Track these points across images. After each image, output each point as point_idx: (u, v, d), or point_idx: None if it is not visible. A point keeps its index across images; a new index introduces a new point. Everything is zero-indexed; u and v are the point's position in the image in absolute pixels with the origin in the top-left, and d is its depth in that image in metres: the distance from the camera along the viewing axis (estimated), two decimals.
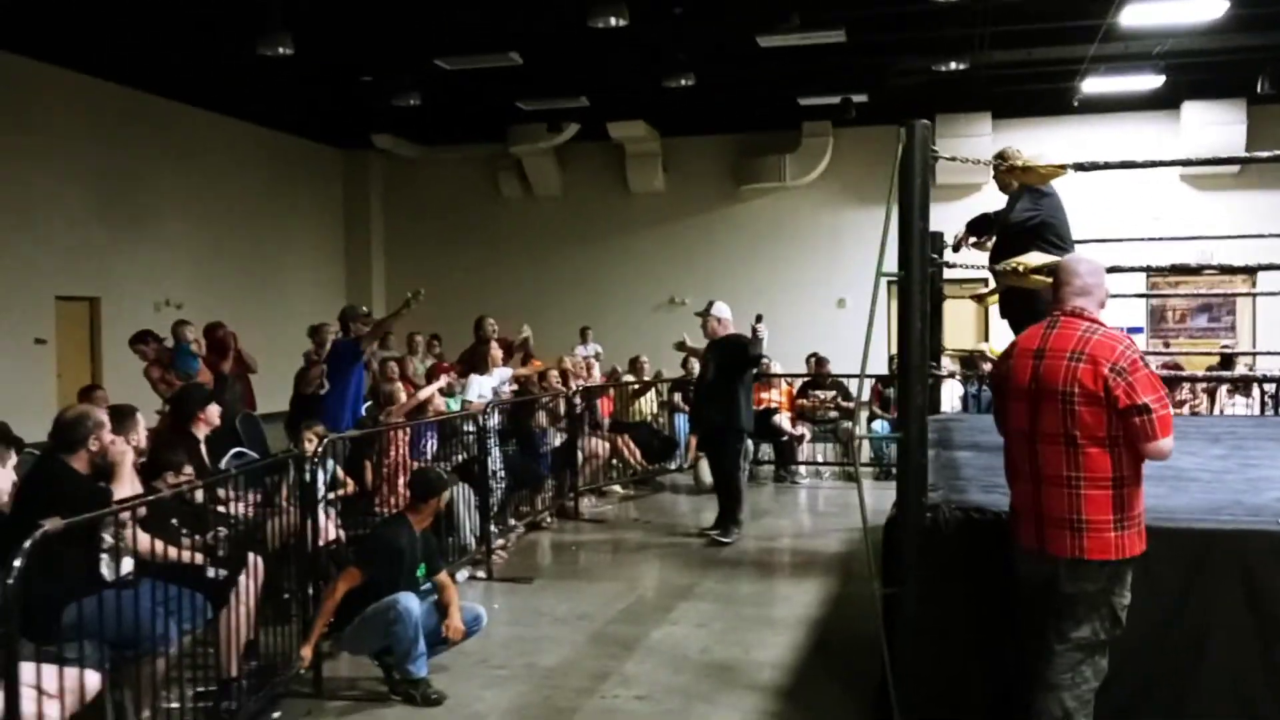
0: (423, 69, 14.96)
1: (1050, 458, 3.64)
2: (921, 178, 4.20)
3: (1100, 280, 3.78)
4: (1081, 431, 3.57)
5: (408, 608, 4.89)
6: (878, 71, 16.35)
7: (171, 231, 16.87)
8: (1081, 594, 3.64)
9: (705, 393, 8.73)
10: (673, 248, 19.82)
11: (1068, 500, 3.61)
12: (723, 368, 8.51)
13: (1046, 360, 3.67)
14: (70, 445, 4.35)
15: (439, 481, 5.46)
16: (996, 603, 4.11)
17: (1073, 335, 3.66)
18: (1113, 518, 3.58)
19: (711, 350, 8.67)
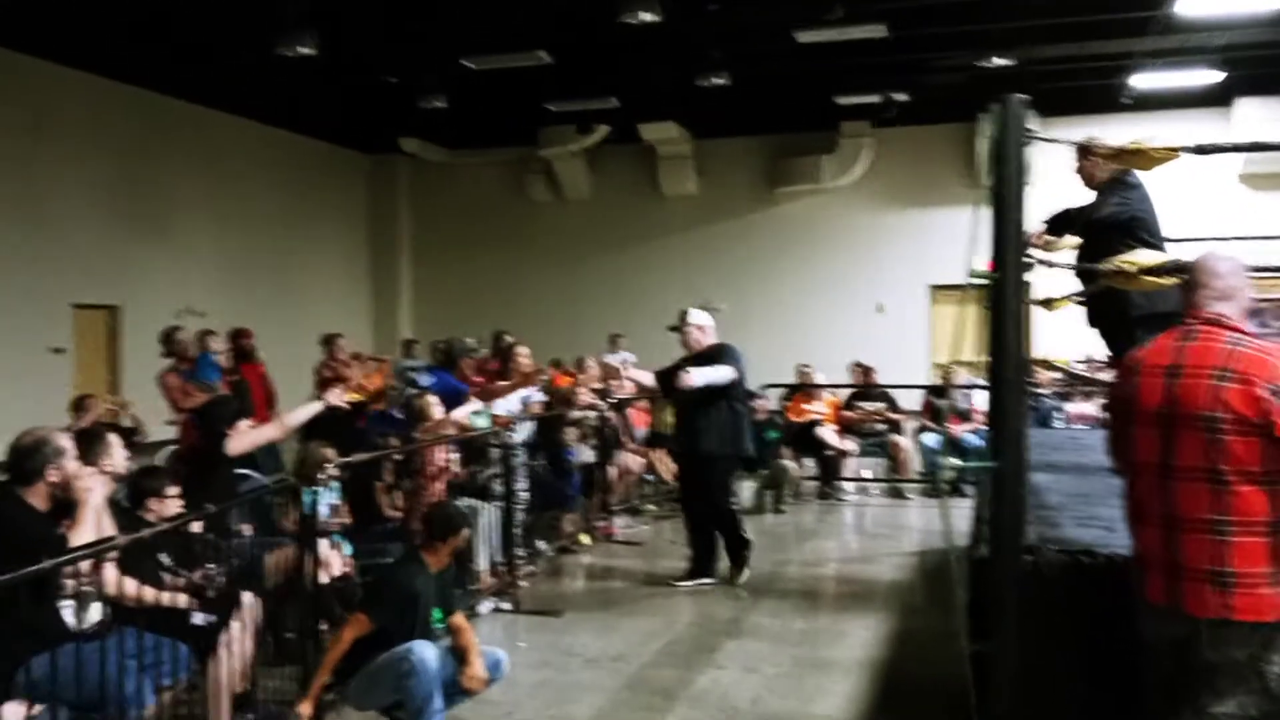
0: (449, 69, 14.52)
1: (1189, 497, 2.99)
2: (1017, 161, 3.57)
3: (1244, 282, 3.12)
4: (1230, 466, 2.93)
5: (423, 659, 4.28)
6: (919, 68, 15.80)
7: (193, 238, 16.48)
8: (1226, 662, 2.98)
9: (691, 413, 7.20)
10: (706, 252, 19.26)
11: (1211, 549, 2.96)
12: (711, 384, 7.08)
13: (1184, 379, 3.02)
14: (25, 477, 3.80)
15: (459, 518, 4.82)
16: (1111, 664, 3.47)
17: (1215, 348, 3.01)
18: (1269, 570, 2.93)
19: (697, 364, 7.17)
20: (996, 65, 15.17)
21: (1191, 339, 3.08)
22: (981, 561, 3.80)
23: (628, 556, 8.42)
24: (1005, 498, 3.60)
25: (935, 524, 9.41)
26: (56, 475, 3.83)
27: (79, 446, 4.00)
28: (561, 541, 8.42)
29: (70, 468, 3.86)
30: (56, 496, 3.85)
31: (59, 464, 3.84)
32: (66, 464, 3.85)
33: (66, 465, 3.85)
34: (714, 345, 7.31)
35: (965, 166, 18.70)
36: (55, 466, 3.83)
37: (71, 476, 3.84)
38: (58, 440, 3.89)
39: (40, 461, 3.81)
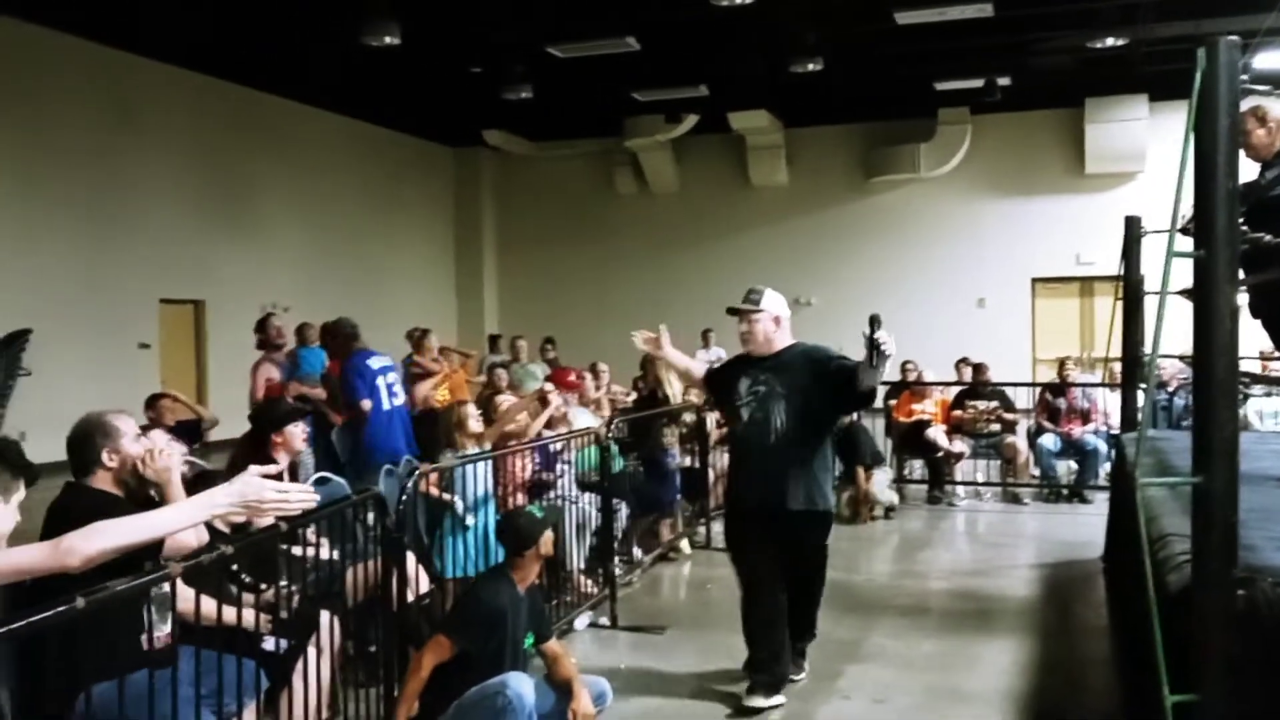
0: (535, 58, 14.15)
1: None
2: (1230, 118, 2.98)
3: None
4: None
5: (519, 694, 3.80)
6: (1023, 50, 15.07)
7: (277, 232, 16.36)
8: None
9: (771, 451, 4.77)
10: (797, 245, 18.68)
11: None
12: (807, 406, 4.77)
13: None
14: (84, 467, 3.42)
15: (531, 525, 4.29)
16: None
17: None
18: None
19: (772, 373, 4.84)
20: (1106, 46, 14.42)
21: None
22: (1180, 594, 3.21)
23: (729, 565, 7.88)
24: (1215, 521, 3.01)
25: (1054, 532, 8.76)
26: (114, 459, 3.43)
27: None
28: (660, 549, 7.91)
29: (131, 449, 3.45)
30: (126, 482, 3.45)
31: (115, 445, 3.44)
32: (125, 445, 3.45)
33: (126, 447, 3.45)
34: (807, 347, 4.93)
35: (1071, 154, 17.90)
36: (111, 449, 3.43)
37: (135, 456, 3.44)
38: (111, 421, 3.49)
39: (94, 449, 3.42)
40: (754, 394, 4.82)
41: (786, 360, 4.85)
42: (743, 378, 4.89)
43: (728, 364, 5.36)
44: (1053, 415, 10.11)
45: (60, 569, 2.74)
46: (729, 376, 5.05)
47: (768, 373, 4.82)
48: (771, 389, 4.77)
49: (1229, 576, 3.01)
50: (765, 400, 4.77)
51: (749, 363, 4.94)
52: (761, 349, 4.87)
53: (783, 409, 4.73)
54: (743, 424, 4.86)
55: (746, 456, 4.91)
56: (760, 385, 4.81)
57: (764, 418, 4.75)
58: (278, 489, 2.99)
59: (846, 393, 4.71)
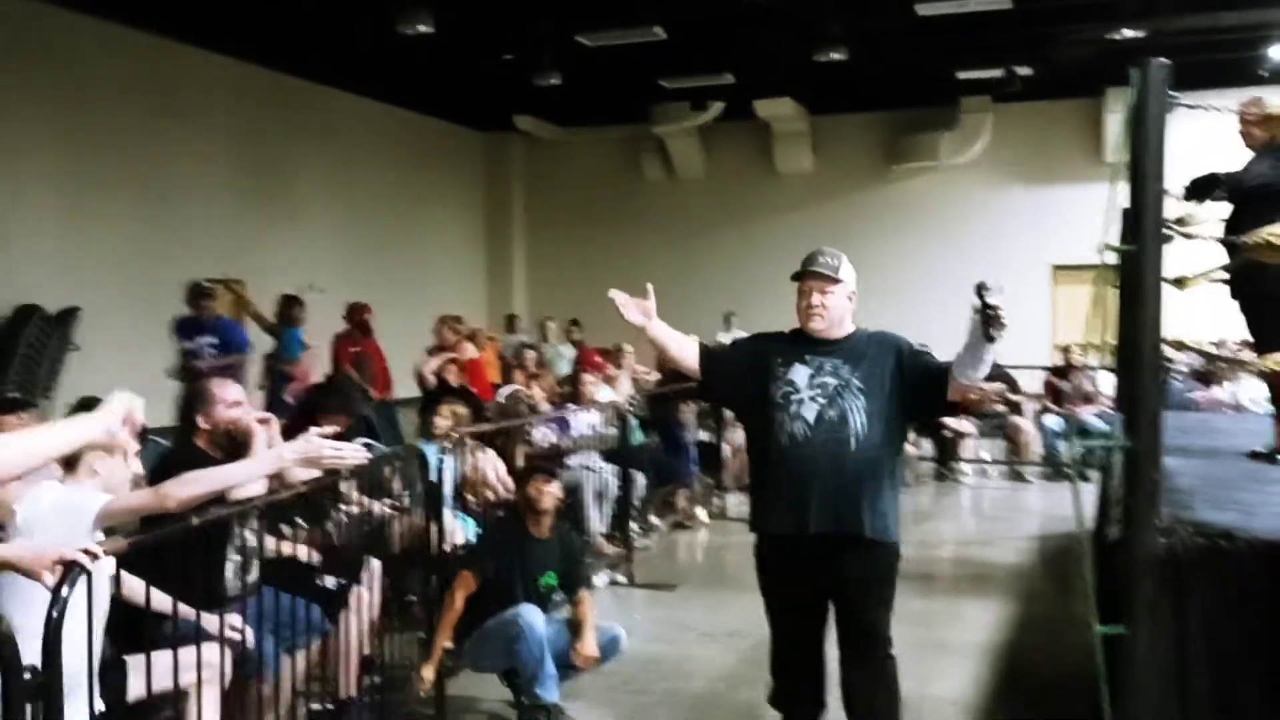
0: (564, 46, 14.57)
1: None
2: (1158, 128, 3.44)
3: None
4: None
5: (530, 623, 4.36)
6: (1044, 41, 15.32)
7: (314, 215, 16.87)
8: None
9: (849, 462, 3.72)
10: (821, 230, 18.94)
11: None
12: (889, 407, 3.80)
13: None
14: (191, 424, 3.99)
15: (526, 473, 4.94)
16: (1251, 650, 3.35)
17: None
18: None
19: (844, 360, 3.81)
20: (1126, 37, 14.67)
21: None
22: (1113, 545, 3.69)
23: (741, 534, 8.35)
24: (1140, 478, 3.48)
25: (1056, 508, 9.20)
26: (208, 422, 3.99)
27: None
28: (676, 517, 8.44)
29: (223, 414, 4.00)
30: (220, 444, 3.99)
31: (208, 410, 3.99)
32: (218, 411, 4.00)
33: (219, 413, 4.00)
34: (860, 332, 3.94)
35: (1091, 143, 18.13)
36: (205, 413, 3.99)
37: (225, 421, 3.98)
38: (208, 388, 4.06)
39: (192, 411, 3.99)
40: (820, 387, 3.74)
41: (860, 346, 3.84)
42: (796, 364, 3.77)
43: (750, 345, 4.06)
44: (1057, 397, 10.54)
45: (161, 509, 3.28)
46: (758, 362, 3.85)
47: (837, 360, 3.77)
48: (847, 382, 3.74)
49: (1152, 526, 3.49)
50: (838, 396, 3.72)
51: (801, 345, 3.84)
52: (830, 330, 3.83)
53: (863, 408, 3.72)
54: (805, 424, 3.70)
55: (811, 468, 3.67)
56: (828, 376, 3.75)
57: (839, 418, 3.70)
58: (334, 446, 3.53)
59: (932, 394, 3.81)
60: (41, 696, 2.43)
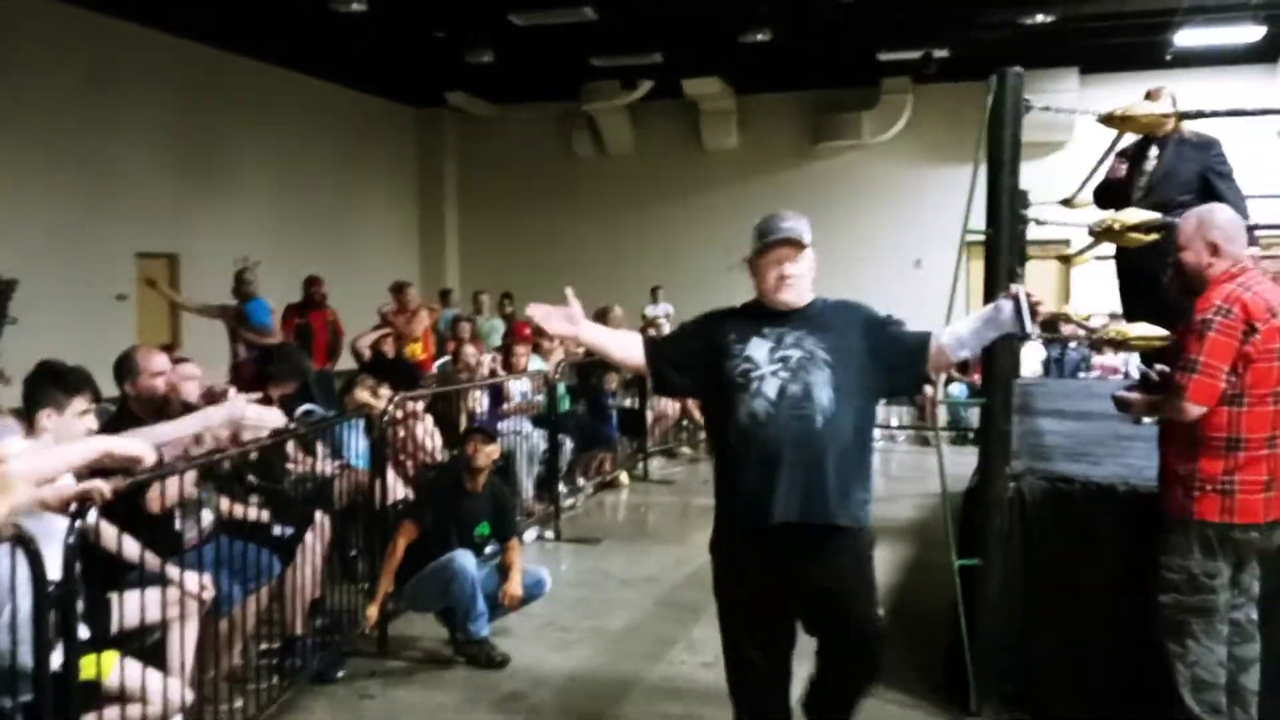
0: (496, 25, 14.84)
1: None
2: (1013, 130, 3.98)
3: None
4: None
5: (463, 566, 4.85)
6: (961, 25, 15.89)
7: (249, 189, 17.01)
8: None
9: (816, 440, 3.29)
10: (747, 207, 19.26)
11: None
12: (860, 381, 3.42)
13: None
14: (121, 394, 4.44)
15: (465, 436, 5.47)
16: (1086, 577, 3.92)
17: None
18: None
19: (807, 332, 3.41)
20: (1038, 22, 15.29)
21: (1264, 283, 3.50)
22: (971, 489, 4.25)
23: (662, 494, 8.99)
24: (993, 431, 4.04)
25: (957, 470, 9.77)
26: (133, 389, 4.45)
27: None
28: (601, 479, 8.95)
29: (147, 383, 4.51)
30: (147, 408, 4.43)
31: (134, 380, 4.46)
32: (142, 380, 4.49)
33: (142, 381, 4.50)
34: (819, 301, 3.52)
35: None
36: (130, 382, 4.45)
37: (147, 389, 4.51)
38: (135, 358, 4.62)
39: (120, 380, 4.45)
40: (782, 360, 3.34)
41: (823, 315, 3.46)
42: (754, 339, 3.38)
43: (698, 326, 3.59)
44: (962, 366, 11.17)
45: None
46: (710, 342, 3.45)
47: (800, 331, 3.39)
48: (811, 354, 3.35)
49: (1003, 472, 4.05)
50: (802, 369, 3.33)
51: (757, 318, 3.44)
52: (796, 300, 3.44)
53: (829, 382, 3.32)
54: (766, 402, 3.29)
55: (775, 450, 3.25)
56: (791, 349, 3.36)
57: (803, 393, 3.30)
58: (256, 411, 3.99)
59: (908, 368, 3.47)
60: (61, 605, 2.95)
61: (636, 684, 4.75)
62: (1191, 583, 3.49)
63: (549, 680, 4.79)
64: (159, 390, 4.50)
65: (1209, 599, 3.50)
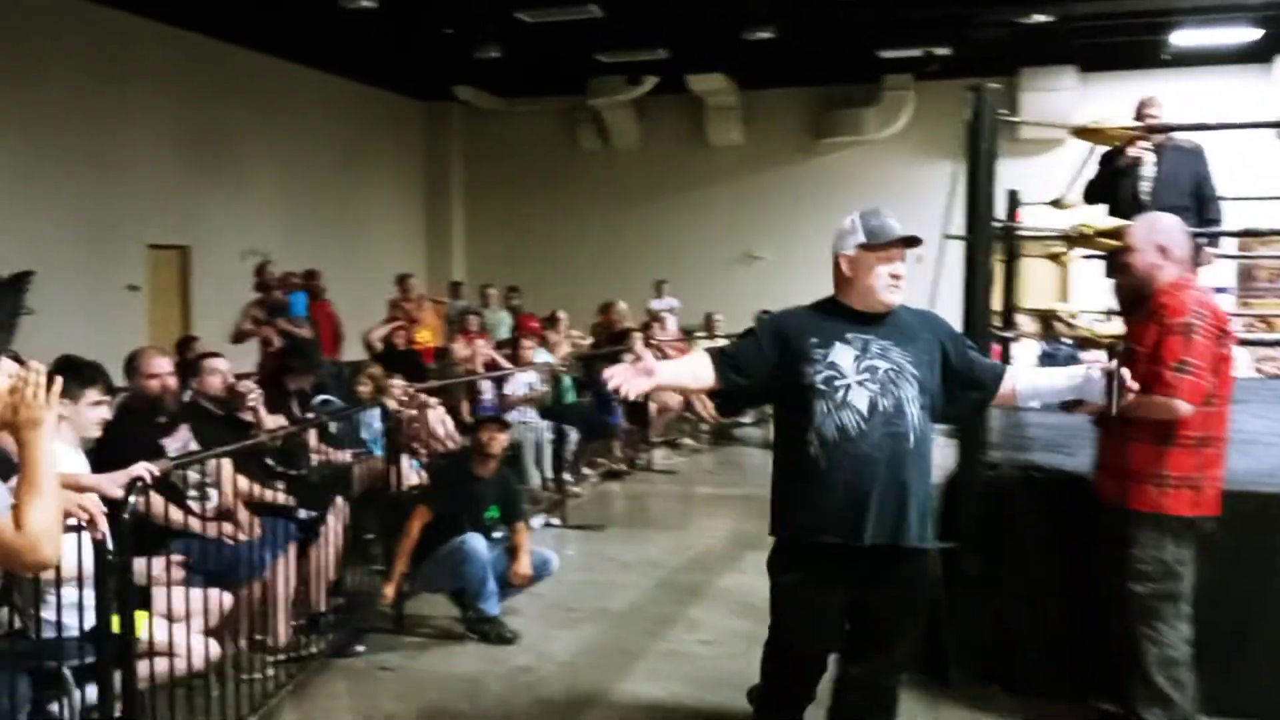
0: (504, 22, 15.06)
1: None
2: (989, 142, 4.25)
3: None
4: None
5: (475, 548, 5.15)
6: (961, 23, 16.09)
7: (258, 182, 17.25)
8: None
9: (906, 460, 3.20)
10: (750, 202, 19.76)
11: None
12: (934, 397, 3.32)
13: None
14: None
15: (476, 425, 5.73)
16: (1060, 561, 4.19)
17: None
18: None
19: (893, 341, 3.29)
20: (1036, 21, 15.49)
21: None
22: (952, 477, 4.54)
23: (664, 483, 9.30)
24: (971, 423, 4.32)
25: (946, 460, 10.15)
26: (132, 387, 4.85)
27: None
28: (606, 468, 9.25)
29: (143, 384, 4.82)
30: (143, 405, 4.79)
31: (134, 380, 4.84)
32: (138, 380, 4.83)
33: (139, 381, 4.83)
34: (901, 309, 3.36)
35: None
36: (130, 381, 4.84)
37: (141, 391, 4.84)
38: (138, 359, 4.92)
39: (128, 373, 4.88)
40: (870, 370, 3.17)
41: (909, 325, 3.30)
42: (837, 344, 3.21)
43: (773, 327, 3.37)
44: None
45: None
46: (788, 346, 3.25)
47: (886, 341, 3.23)
48: (900, 367, 3.19)
49: (980, 462, 4.34)
50: (891, 382, 3.17)
51: (839, 320, 3.27)
52: (898, 302, 3.30)
53: (918, 399, 3.18)
54: (856, 415, 3.13)
55: (870, 468, 3.13)
56: (877, 359, 3.19)
57: (895, 409, 3.15)
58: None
59: (974, 398, 3.40)
60: (115, 570, 3.29)
61: (638, 660, 5.04)
62: (1164, 571, 3.76)
63: (555, 656, 5.08)
64: (151, 391, 4.78)
65: (1179, 585, 3.77)
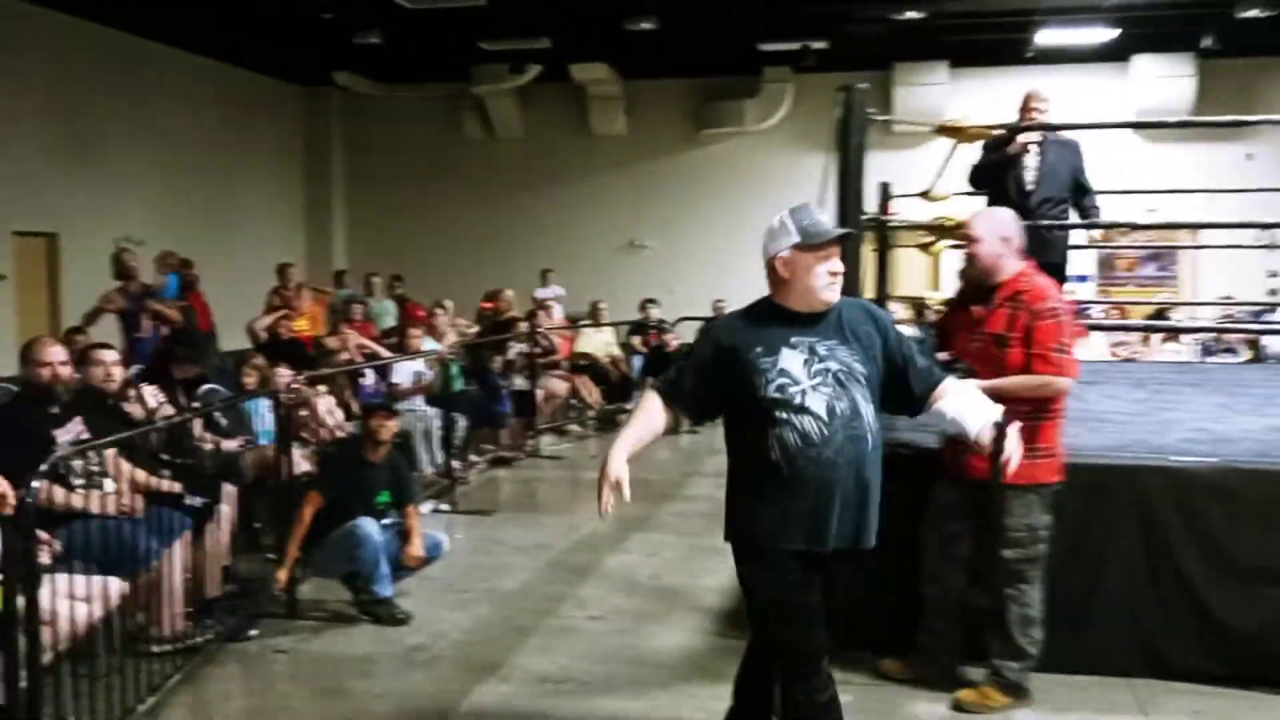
0: (384, 7, 14.95)
1: None
2: (858, 139, 4.51)
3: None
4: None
5: (367, 532, 5.26)
6: (838, 19, 16.52)
7: (130, 167, 16.79)
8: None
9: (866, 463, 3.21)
10: (634, 191, 19.95)
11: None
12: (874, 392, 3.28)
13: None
14: None
15: (367, 411, 5.84)
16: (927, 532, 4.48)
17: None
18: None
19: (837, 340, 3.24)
20: (910, 18, 16.01)
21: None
22: None
23: (553, 469, 9.47)
24: None
25: None
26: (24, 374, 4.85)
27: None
28: (493, 455, 9.38)
29: (33, 371, 4.80)
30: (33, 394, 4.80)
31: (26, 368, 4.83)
32: (30, 369, 4.81)
33: (31, 370, 4.81)
34: (845, 304, 3.34)
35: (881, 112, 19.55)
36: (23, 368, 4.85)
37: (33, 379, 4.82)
38: (32, 347, 4.89)
39: None
40: (821, 374, 3.13)
41: (848, 322, 3.25)
42: (783, 349, 3.15)
43: (712, 345, 3.29)
44: None
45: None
46: (733, 359, 3.18)
47: (831, 341, 3.18)
48: (849, 368, 3.16)
49: None
50: (843, 384, 3.14)
51: (779, 325, 3.20)
52: (837, 300, 3.24)
53: (868, 398, 3.18)
54: (816, 420, 3.09)
55: (832, 473, 3.10)
56: (828, 360, 3.15)
57: (851, 411, 3.12)
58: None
59: (906, 398, 3.35)
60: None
61: (529, 636, 5.20)
62: (1033, 537, 4.13)
63: (448, 634, 5.22)
64: (41, 379, 4.76)
65: (1042, 548, 4.15)
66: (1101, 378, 7.69)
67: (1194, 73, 16.87)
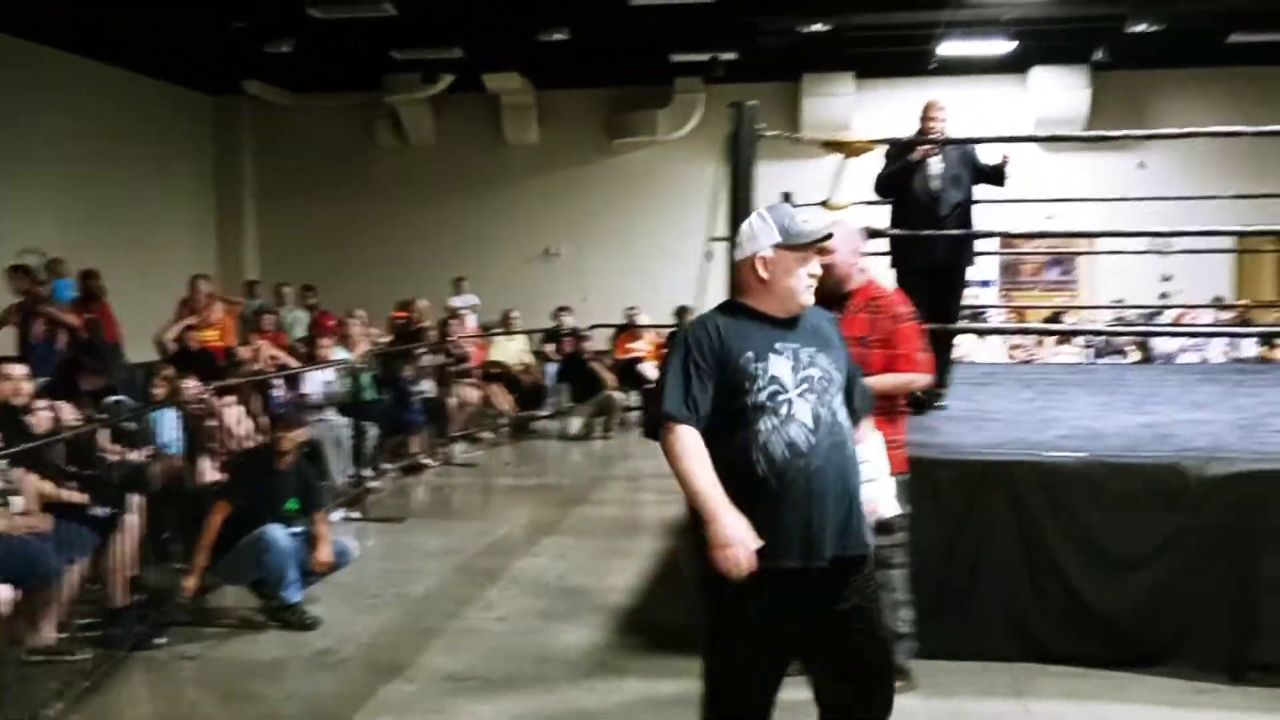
0: (295, 16, 14.89)
1: None
2: (748, 154, 4.72)
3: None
4: None
5: (274, 538, 5.34)
6: (746, 31, 16.83)
7: (36, 177, 16.47)
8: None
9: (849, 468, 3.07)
10: (547, 200, 20.05)
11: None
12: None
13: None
14: None
15: (279, 423, 5.97)
16: None
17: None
18: None
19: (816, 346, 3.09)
20: (817, 30, 16.37)
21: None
22: None
23: (464, 476, 9.58)
24: None
25: None
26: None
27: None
28: (405, 463, 9.44)
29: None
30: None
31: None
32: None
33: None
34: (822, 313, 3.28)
35: (789, 123, 19.90)
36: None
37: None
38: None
39: None
40: (806, 381, 3.02)
41: (819, 328, 3.17)
42: (771, 356, 3.01)
43: (706, 352, 3.01)
44: None
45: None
46: (726, 364, 2.99)
47: (811, 347, 3.08)
48: (829, 374, 3.07)
49: None
50: (825, 391, 3.04)
51: (764, 330, 3.06)
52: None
53: (844, 403, 3.11)
54: (804, 429, 2.96)
55: (822, 482, 2.96)
56: (810, 367, 3.04)
57: (833, 418, 3.03)
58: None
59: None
60: None
61: (437, 638, 5.32)
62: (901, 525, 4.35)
63: (356, 638, 5.31)
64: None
65: (907, 536, 4.38)
66: (994, 379, 8.04)
67: (1088, 84, 17.49)
